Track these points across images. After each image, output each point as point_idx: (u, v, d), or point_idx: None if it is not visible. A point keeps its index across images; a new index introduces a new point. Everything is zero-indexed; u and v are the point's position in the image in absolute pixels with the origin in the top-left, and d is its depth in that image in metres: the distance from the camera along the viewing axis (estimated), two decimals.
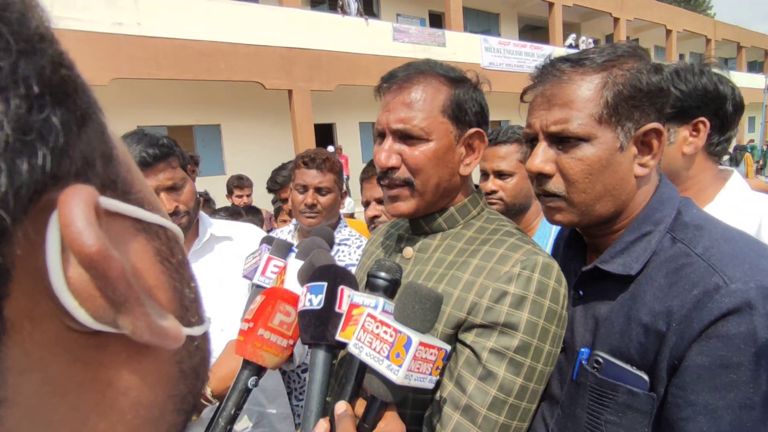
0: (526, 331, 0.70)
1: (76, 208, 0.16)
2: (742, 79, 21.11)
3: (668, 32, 20.68)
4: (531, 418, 0.73)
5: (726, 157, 1.39)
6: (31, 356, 0.16)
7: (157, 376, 0.21)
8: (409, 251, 0.89)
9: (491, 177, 1.53)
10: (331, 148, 9.77)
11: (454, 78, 0.85)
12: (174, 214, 1.25)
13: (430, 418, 0.74)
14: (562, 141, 0.73)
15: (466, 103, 0.84)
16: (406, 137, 0.82)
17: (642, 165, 0.72)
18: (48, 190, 0.16)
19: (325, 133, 12.41)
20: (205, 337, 0.25)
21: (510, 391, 0.70)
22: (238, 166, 9.74)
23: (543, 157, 0.75)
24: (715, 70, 1.12)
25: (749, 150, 12.56)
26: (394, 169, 0.83)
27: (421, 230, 0.89)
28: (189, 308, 0.23)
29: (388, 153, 0.82)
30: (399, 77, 0.84)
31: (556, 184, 0.75)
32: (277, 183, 3.15)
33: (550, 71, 0.75)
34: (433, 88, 0.82)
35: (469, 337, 0.73)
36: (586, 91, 0.71)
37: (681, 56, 22.89)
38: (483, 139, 0.86)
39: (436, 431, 0.72)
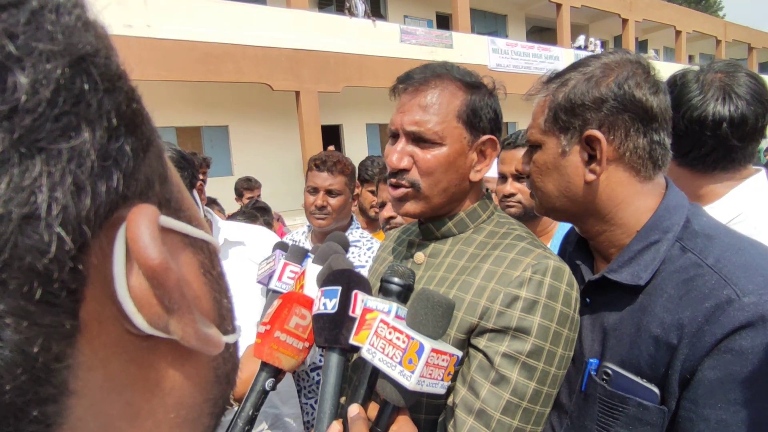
0: (539, 335, 0.71)
1: (143, 226, 0.18)
2: None
3: (678, 33, 20.50)
4: (545, 421, 0.73)
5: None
6: (97, 355, 0.18)
7: (197, 379, 0.23)
8: (420, 256, 0.89)
9: (510, 180, 1.54)
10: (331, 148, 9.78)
11: (471, 83, 0.85)
12: None
13: (444, 422, 0.75)
14: (532, 146, 0.84)
15: (482, 110, 0.84)
16: (419, 140, 0.82)
17: (591, 171, 0.76)
18: (118, 207, 0.18)
19: (332, 135, 12.44)
20: (236, 345, 0.28)
21: (523, 395, 0.70)
22: (245, 167, 9.80)
23: (523, 159, 0.88)
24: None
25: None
26: (404, 171, 0.83)
27: (432, 235, 0.89)
28: (225, 317, 0.25)
29: (401, 154, 0.83)
30: (416, 79, 0.84)
31: (529, 182, 0.87)
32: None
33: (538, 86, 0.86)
34: (449, 92, 0.82)
35: (481, 342, 0.74)
36: (540, 104, 0.81)
37: (690, 57, 22.69)
38: (495, 146, 0.87)
39: None
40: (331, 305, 0.68)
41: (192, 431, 0.23)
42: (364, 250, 1.62)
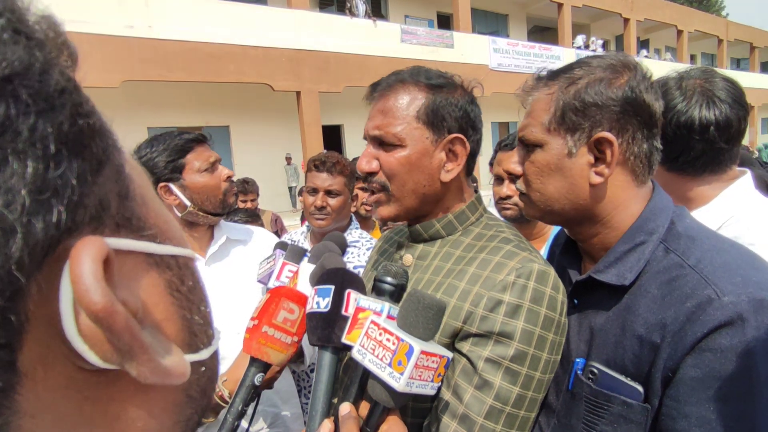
0: (522, 340, 0.70)
1: (85, 266, 0.16)
2: (754, 80, 20.81)
3: (679, 33, 20.44)
4: (531, 426, 0.73)
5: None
6: (42, 400, 0.16)
7: (164, 405, 0.22)
8: (409, 258, 0.90)
9: (506, 182, 1.54)
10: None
11: (434, 84, 0.85)
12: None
13: (429, 426, 0.75)
14: (526, 146, 0.81)
15: (444, 109, 0.83)
16: (382, 143, 0.84)
17: (597, 173, 0.75)
18: (62, 240, 0.16)
19: (332, 135, 12.46)
20: (214, 355, 0.26)
21: (507, 399, 0.70)
22: (246, 167, 9.82)
23: (516, 158, 0.85)
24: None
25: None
26: (372, 174, 0.85)
27: (421, 237, 0.90)
28: (197, 333, 0.24)
29: (368, 158, 0.85)
30: (382, 85, 0.86)
31: (520, 183, 0.84)
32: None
33: (529, 84, 0.83)
34: (410, 95, 0.83)
35: (465, 347, 0.74)
36: (542, 103, 0.78)
37: (692, 57, 22.62)
38: (464, 144, 0.86)
39: None
40: (324, 304, 0.69)
41: None
42: (364, 250, 1.63)
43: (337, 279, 0.71)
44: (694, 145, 1.03)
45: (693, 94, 1.03)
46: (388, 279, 0.70)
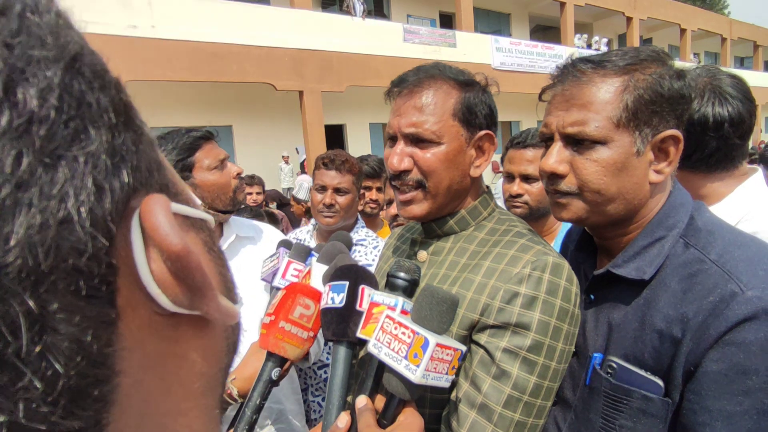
0: (538, 331, 0.72)
1: (160, 215, 0.19)
2: (758, 79, 20.73)
3: (682, 31, 20.39)
4: (547, 414, 0.74)
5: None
6: (134, 337, 0.19)
7: (213, 350, 0.24)
8: (423, 255, 0.91)
9: (517, 180, 1.54)
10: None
11: (464, 81, 0.86)
12: None
13: (448, 416, 0.76)
14: (578, 142, 0.73)
15: (476, 106, 0.85)
16: (417, 140, 0.84)
17: (657, 171, 0.73)
18: (130, 200, 0.19)
19: (335, 134, 12.47)
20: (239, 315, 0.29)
21: (524, 389, 0.71)
22: (249, 166, 9.83)
23: (557, 157, 0.75)
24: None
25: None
26: (406, 171, 0.84)
27: (434, 234, 0.91)
28: (230, 289, 0.27)
29: (401, 156, 0.84)
30: (410, 81, 0.86)
31: (568, 183, 0.75)
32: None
33: (570, 71, 0.75)
34: (444, 91, 0.84)
35: (482, 338, 0.75)
36: (606, 94, 0.70)
37: (696, 56, 22.56)
38: (492, 140, 0.88)
39: (454, 429, 0.73)
40: (338, 299, 0.69)
41: (211, 399, 0.25)
42: (370, 248, 1.63)
43: (351, 275, 0.71)
44: (708, 142, 1.03)
45: (704, 92, 1.03)
46: (401, 274, 0.70)
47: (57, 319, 0.15)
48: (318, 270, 0.84)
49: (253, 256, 1.39)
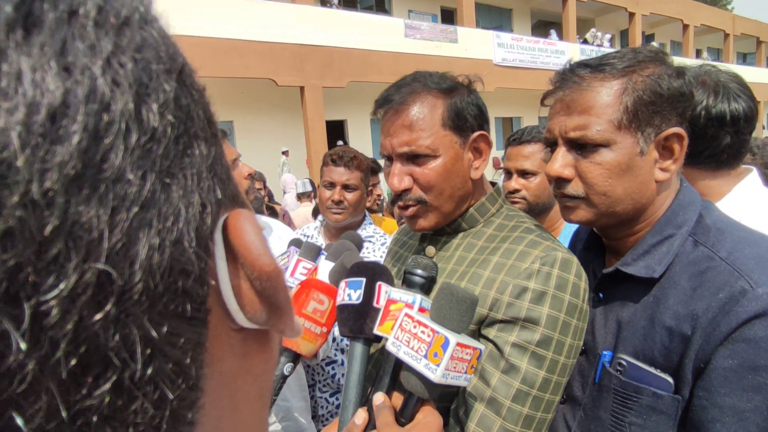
0: (547, 325, 0.72)
1: (252, 234, 0.19)
2: (761, 75, 20.64)
3: (685, 27, 20.28)
4: (555, 409, 0.75)
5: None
6: (215, 355, 0.19)
7: (272, 363, 0.25)
8: (431, 250, 0.92)
9: (515, 176, 1.55)
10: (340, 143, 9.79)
11: (447, 88, 0.85)
12: None
13: (457, 410, 0.77)
14: (582, 146, 0.74)
15: (464, 110, 0.85)
16: (413, 158, 0.84)
17: (663, 169, 0.73)
18: (219, 216, 0.19)
19: (336, 130, 12.44)
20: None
21: (533, 383, 0.72)
22: (250, 162, 9.81)
23: (562, 162, 0.76)
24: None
25: None
26: (407, 190, 0.85)
27: (443, 230, 0.91)
28: None
29: (400, 176, 0.84)
30: (395, 101, 0.85)
31: (575, 188, 0.76)
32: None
33: (569, 77, 0.76)
34: (429, 104, 0.83)
35: (491, 332, 0.76)
36: (606, 97, 0.71)
37: (698, 52, 22.45)
38: (487, 140, 0.88)
39: (463, 423, 0.74)
40: (355, 296, 0.70)
41: (266, 411, 0.25)
42: (378, 245, 1.64)
43: (368, 271, 0.72)
44: (723, 137, 1.04)
45: (718, 89, 1.04)
46: (419, 271, 0.70)
47: (165, 342, 0.15)
48: (324, 267, 0.85)
49: None
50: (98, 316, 0.13)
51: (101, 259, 0.13)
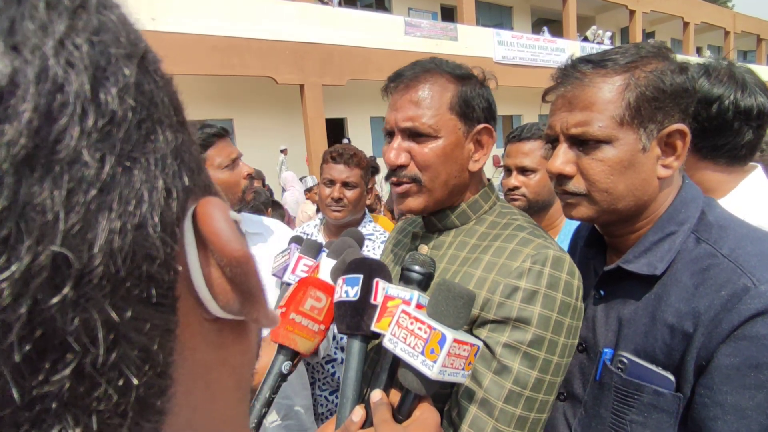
0: (539, 325, 0.71)
1: (221, 220, 0.18)
2: (762, 73, 20.58)
3: (685, 24, 20.25)
4: (549, 409, 0.74)
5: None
6: (187, 345, 0.19)
7: (249, 355, 0.24)
8: (424, 248, 0.91)
9: (514, 173, 1.54)
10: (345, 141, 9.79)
11: (461, 75, 0.85)
12: None
13: (449, 411, 0.76)
14: (583, 143, 0.73)
15: (473, 100, 0.84)
16: (414, 135, 0.83)
17: (665, 166, 0.73)
18: (187, 203, 0.19)
19: (336, 128, 12.43)
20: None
21: (525, 384, 0.71)
22: (250, 160, 9.81)
23: (563, 158, 0.75)
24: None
25: None
26: (402, 167, 0.84)
27: (435, 228, 0.91)
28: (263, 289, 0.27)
29: (398, 151, 0.84)
30: (406, 76, 0.85)
31: (576, 184, 0.75)
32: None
33: (571, 73, 0.75)
34: (440, 85, 0.83)
35: (482, 333, 0.75)
36: (608, 93, 0.71)
37: (699, 49, 22.42)
38: (491, 134, 0.87)
39: (456, 424, 0.73)
40: (353, 293, 0.69)
41: (246, 403, 0.25)
42: (378, 243, 1.64)
43: (365, 268, 0.71)
44: (745, 133, 1.04)
45: (743, 83, 1.03)
46: (416, 268, 0.70)
47: (130, 327, 0.15)
48: (326, 264, 0.85)
49: (262, 252, 1.39)
50: (55, 300, 0.13)
51: (56, 242, 0.13)
